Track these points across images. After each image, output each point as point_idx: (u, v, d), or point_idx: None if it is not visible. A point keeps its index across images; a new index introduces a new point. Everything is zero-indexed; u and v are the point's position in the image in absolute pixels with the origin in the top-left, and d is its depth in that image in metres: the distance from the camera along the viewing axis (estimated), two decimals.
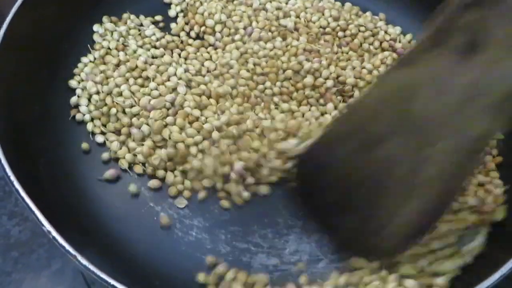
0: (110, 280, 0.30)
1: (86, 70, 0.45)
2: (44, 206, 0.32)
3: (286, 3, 0.52)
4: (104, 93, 0.43)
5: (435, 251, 0.35)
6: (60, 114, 0.43)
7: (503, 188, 0.40)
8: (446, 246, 0.36)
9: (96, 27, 0.48)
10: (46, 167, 0.39)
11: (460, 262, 0.35)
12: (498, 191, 0.40)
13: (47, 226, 0.31)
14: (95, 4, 0.49)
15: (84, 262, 0.30)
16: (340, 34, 0.50)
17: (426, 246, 0.35)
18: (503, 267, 0.33)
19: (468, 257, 0.36)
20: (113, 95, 0.43)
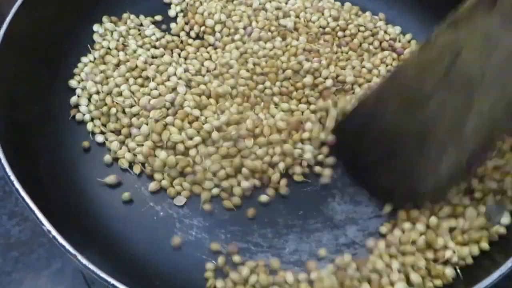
0: (110, 279, 0.30)
1: (86, 70, 0.45)
2: (44, 206, 0.32)
3: (286, 3, 0.52)
4: (104, 93, 0.43)
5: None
6: (60, 114, 0.43)
7: None
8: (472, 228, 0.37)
9: (96, 27, 0.48)
10: (46, 167, 0.39)
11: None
12: None
13: (47, 225, 0.31)
14: (95, 4, 0.49)
15: (84, 261, 0.30)
16: (339, 34, 0.50)
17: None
18: (503, 267, 0.33)
19: (502, 229, 0.37)
20: (113, 95, 0.43)
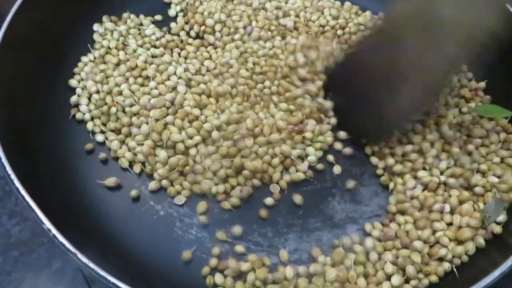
0: (110, 278, 0.30)
1: (86, 69, 0.45)
2: (44, 205, 0.32)
3: (286, 3, 0.52)
4: (104, 92, 0.43)
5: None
6: (60, 113, 0.43)
7: None
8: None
9: (96, 27, 0.48)
10: (46, 166, 0.39)
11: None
12: None
13: (47, 224, 0.31)
14: (95, 3, 0.49)
15: (84, 260, 0.30)
16: (339, 32, 0.50)
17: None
18: (503, 265, 0.33)
19: (497, 227, 0.38)
20: (113, 94, 0.43)
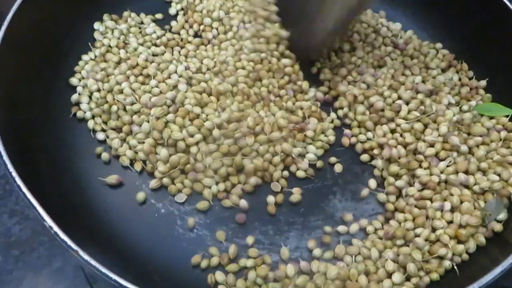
0: (112, 275, 0.30)
1: (87, 68, 0.45)
2: (45, 203, 0.32)
3: None
4: (105, 90, 0.43)
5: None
6: (61, 111, 0.43)
7: None
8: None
9: (96, 25, 0.48)
10: (47, 164, 0.39)
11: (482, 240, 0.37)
12: None
13: (49, 221, 0.31)
14: (96, 2, 0.49)
15: (85, 257, 0.30)
16: None
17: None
18: (504, 262, 0.33)
19: (497, 226, 0.38)
20: (114, 93, 0.43)
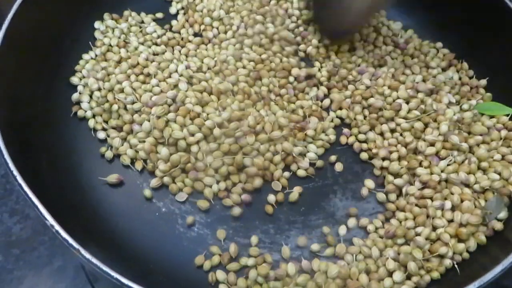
0: (113, 273, 0.30)
1: (88, 67, 0.45)
2: (46, 201, 0.32)
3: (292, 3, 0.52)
4: (105, 89, 0.43)
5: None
6: (62, 111, 0.43)
7: None
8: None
9: (97, 24, 0.48)
10: (48, 163, 0.39)
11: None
12: None
13: (50, 220, 0.31)
14: (96, 1, 0.49)
15: (87, 255, 0.30)
16: None
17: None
18: (505, 261, 0.33)
19: (498, 224, 0.38)
20: (114, 92, 0.43)
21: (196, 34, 0.49)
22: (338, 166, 0.43)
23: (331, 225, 0.40)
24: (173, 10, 0.51)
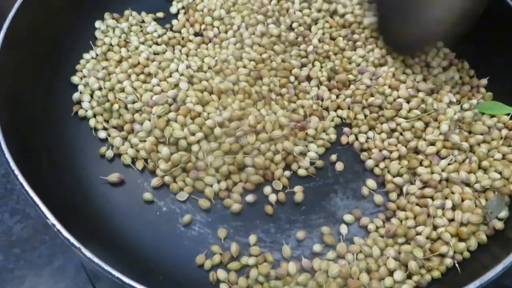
0: (114, 272, 0.30)
1: (88, 66, 0.45)
2: (47, 200, 0.32)
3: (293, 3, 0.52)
4: (106, 89, 0.43)
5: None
6: (62, 110, 0.43)
7: None
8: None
9: (98, 24, 0.48)
10: (49, 163, 0.39)
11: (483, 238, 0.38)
12: None
13: (52, 219, 0.31)
14: (97, 1, 0.49)
15: (88, 254, 0.30)
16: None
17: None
18: (505, 260, 0.33)
19: (499, 223, 0.38)
20: (115, 91, 0.43)
21: (196, 34, 0.49)
22: (339, 166, 0.43)
23: (332, 224, 0.40)
24: (173, 10, 0.51)
